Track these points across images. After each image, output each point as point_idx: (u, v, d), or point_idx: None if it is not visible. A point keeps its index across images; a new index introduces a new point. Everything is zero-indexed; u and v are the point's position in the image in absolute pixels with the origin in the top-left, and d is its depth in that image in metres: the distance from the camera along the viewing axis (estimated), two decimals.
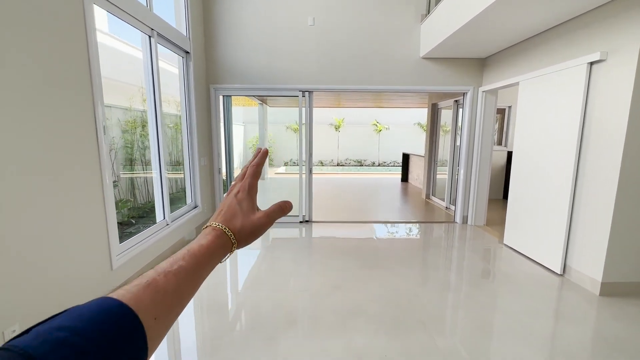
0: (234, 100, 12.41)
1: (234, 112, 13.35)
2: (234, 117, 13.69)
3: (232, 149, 4.68)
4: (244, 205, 0.46)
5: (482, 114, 4.35)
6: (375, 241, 3.92)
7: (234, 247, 0.43)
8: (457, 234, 4.29)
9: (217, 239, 0.41)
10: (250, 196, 0.47)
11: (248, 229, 0.45)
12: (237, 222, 0.44)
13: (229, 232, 0.43)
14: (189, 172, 4.02)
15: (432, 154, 6.43)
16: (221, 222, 0.44)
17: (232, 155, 4.69)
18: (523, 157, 3.45)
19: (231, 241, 0.43)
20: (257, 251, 3.57)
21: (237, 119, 13.79)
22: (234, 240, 0.43)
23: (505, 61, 3.86)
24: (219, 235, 0.42)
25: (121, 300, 0.29)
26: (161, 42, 3.15)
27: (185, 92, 3.83)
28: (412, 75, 4.38)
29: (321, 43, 4.29)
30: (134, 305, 0.29)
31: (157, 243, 3.08)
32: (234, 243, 0.43)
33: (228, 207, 0.45)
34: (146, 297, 0.31)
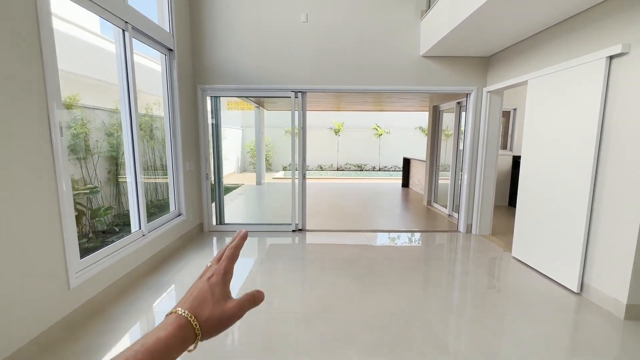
0: (232, 105, 12.24)
1: (231, 116, 13.16)
2: (232, 121, 13.46)
3: (221, 153, 4.41)
4: (216, 291, 0.43)
5: (486, 116, 4.07)
6: (371, 253, 3.62)
7: (197, 339, 0.39)
8: (461, 245, 3.99)
9: (179, 331, 0.38)
10: (224, 281, 0.44)
11: (216, 320, 0.41)
12: (205, 310, 0.41)
13: (194, 322, 0.39)
14: (172, 177, 3.76)
15: (433, 158, 6.14)
16: (188, 308, 0.40)
17: (221, 159, 4.43)
18: (532, 162, 3.16)
19: (195, 332, 0.39)
20: (240, 265, 3.28)
21: (235, 123, 13.59)
22: (199, 332, 0.39)
23: (511, 59, 3.59)
24: (182, 326, 0.38)
25: None
26: (138, 38, 2.91)
27: (169, 92, 3.58)
28: (412, 74, 4.11)
29: (315, 41, 4.04)
30: None
31: (131, 256, 2.80)
32: (197, 335, 0.39)
33: (199, 291, 0.42)
34: None
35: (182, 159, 3.78)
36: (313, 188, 8.59)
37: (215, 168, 4.39)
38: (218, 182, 4.44)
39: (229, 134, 11.36)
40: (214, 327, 0.41)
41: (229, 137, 11.87)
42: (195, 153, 4.19)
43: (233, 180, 10.45)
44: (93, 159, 3.54)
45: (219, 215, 4.48)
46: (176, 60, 3.58)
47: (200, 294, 0.42)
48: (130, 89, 2.77)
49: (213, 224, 4.40)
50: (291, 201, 4.34)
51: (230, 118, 12.44)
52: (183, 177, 3.81)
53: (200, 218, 4.34)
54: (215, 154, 4.36)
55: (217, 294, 0.42)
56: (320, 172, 13.60)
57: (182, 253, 3.55)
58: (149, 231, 3.09)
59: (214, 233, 4.32)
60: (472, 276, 3.07)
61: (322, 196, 7.37)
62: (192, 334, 0.38)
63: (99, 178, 3.58)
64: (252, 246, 3.82)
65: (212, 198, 4.37)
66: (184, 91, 3.84)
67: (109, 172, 3.90)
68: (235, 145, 12.96)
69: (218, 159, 4.38)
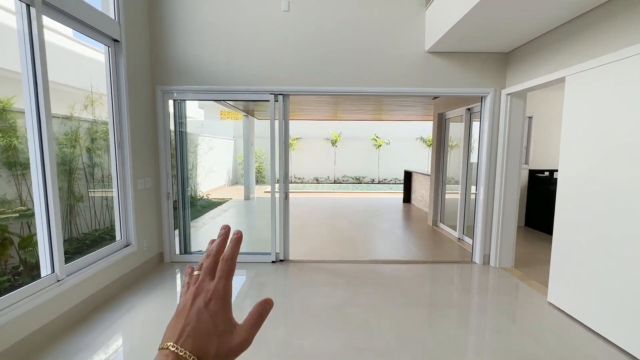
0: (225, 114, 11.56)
1: (222, 127, 12.53)
2: (223, 132, 12.84)
3: (185, 167, 3.68)
4: (219, 322, 0.36)
5: (506, 123, 3.35)
6: (365, 298, 2.84)
7: None
8: (478, 283, 3.21)
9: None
10: (226, 307, 0.37)
11: (223, 355, 0.35)
12: (211, 347, 0.34)
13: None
14: (118, 198, 3.02)
15: (439, 172, 5.41)
16: (191, 349, 0.33)
17: (185, 175, 3.69)
18: (577, 182, 2.42)
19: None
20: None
21: (227, 134, 12.94)
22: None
23: (539, 53, 2.90)
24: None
25: None
26: (57, 18, 2.22)
27: (113, 92, 2.87)
28: (415, 74, 3.42)
29: (299, 34, 3.37)
30: None
31: (39, 310, 2.04)
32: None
33: (197, 322, 0.35)
34: None
35: (132, 175, 3.04)
36: (307, 205, 7.84)
37: (179, 186, 3.65)
38: (182, 203, 3.69)
39: (218, 144, 10.67)
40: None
41: (219, 148, 11.19)
42: (154, 167, 3.46)
43: (221, 194, 9.70)
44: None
45: (183, 242, 3.71)
46: (124, 54, 2.88)
47: (201, 326, 0.35)
48: (39, 82, 2.06)
49: (176, 252, 3.63)
50: (271, 227, 3.58)
51: (221, 128, 11.80)
52: (133, 197, 3.07)
53: (160, 246, 3.58)
54: (180, 169, 3.63)
55: (221, 326, 0.36)
56: (316, 185, 12.86)
57: (127, 295, 2.77)
58: (70, 273, 2.32)
59: (177, 265, 3.54)
60: (499, 336, 2.28)
61: (315, 215, 6.61)
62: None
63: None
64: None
65: (174, 224, 3.61)
66: (137, 92, 3.14)
67: (60, 189, 3.20)
68: (227, 157, 12.27)
69: (182, 174, 3.64)
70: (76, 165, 3.26)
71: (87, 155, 3.32)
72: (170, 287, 3.01)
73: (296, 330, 2.30)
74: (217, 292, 0.37)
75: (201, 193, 8.86)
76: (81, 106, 3.29)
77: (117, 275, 2.88)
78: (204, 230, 5.43)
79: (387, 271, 3.40)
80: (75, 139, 3.27)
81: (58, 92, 3.95)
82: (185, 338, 0.34)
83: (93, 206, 3.38)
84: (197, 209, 7.44)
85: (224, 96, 3.46)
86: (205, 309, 0.36)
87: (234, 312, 0.38)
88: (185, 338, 0.34)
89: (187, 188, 3.73)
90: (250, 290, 2.98)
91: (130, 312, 2.52)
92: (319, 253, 4.02)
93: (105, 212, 3.38)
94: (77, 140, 3.28)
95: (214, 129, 11.28)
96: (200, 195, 8.77)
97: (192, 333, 0.34)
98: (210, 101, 4.14)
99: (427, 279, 3.22)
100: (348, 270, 3.41)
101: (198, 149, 8.93)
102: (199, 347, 0.34)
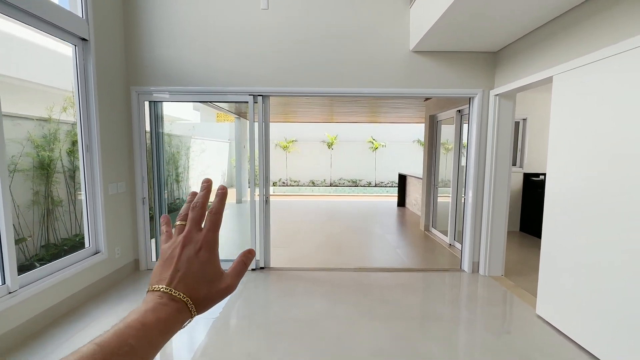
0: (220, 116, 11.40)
1: (217, 129, 12.42)
2: (218, 134, 12.73)
3: (162, 171, 3.55)
4: (208, 269, 0.39)
5: (495, 125, 3.21)
6: (342, 309, 2.70)
7: (191, 320, 0.37)
8: (466, 293, 3.05)
9: (178, 313, 0.35)
10: (214, 255, 0.40)
11: (211, 299, 0.38)
12: (201, 291, 0.38)
13: (190, 305, 0.36)
14: (86, 203, 2.89)
15: (431, 176, 5.26)
16: (183, 291, 0.36)
17: (162, 179, 3.55)
18: (565, 185, 2.27)
19: (191, 314, 0.36)
20: None
21: (222, 136, 12.83)
22: (194, 313, 0.37)
23: (527, 52, 2.77)
24: (180, 309, 0.35)
25: None
26: (10, 14, 2.09)
27: (81, 92, 2.75)
28: (399, 74, 3.29)
29: (279, 33, 3.24)
30: None
31: None
32: (193, 316, 0.37)
33: (188, 268, 0.38)
34: None
35: (102, 180, 2.92)
36: (300, 208, 7.70)
37: (155, 192, 3.51)
38: (159, 208, 3.55)
39: (212, 147, 10.53)
40: (208, 305, 0.39)
41: (213, 150, 11.07)
42: (128, 171, 3.33)
43: (212, 197, 9.55)
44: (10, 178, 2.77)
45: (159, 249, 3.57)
46: (93, 54, 2.77)
47: (193, 274, 0.38)
48: None
49: (152, 260, 3.49)
50: (250, 233, 3.44)
51: (215, 131, 11.69)
52: (103, 202, 2.94)
53: (136, 253, 3.44)
54: (157, 173, 3.50)
55: (210, 272, 0.39)
56: (312, 188, 12.71)
57: (93, 306, 2.63)
58: (26, 284, 2.19)
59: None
60: (484, 353, 2.12)
61: (307, 218, 6.47)
62: (188, 315, 0.36)
63: (17, 201, 2.81)
64: None
65: (151, 230, 3.47)
66: (109, 93, 3.02)
67: (36, 194, 3.10)
68: (222, 160, 12.15)
69: (158, 178, 3.51)
70: (54, 169, 3.14)
71: (67, 158, 3.21)
72: (141, 297, 2.87)
73: (264, 345, 2.15)
74: (207, 242, 0.39)
75: None
76: (60, 108, 3.19)
77: (84, 284, 2.74)
78: None
79: (372, 280, 3.25)
80: (53, 141, 3.16)
81: (37, 92, 3.86)
82: (177, 282, 0.36)
83: (74, 210, 3.26)
84: None
85: (201, 97, 3.34)
86: (196, 257, 0.38)
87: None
88: (177, 282, 0.36)
89: (165, 192, 3.59)
90: (231, 295, 2.84)
91: (93, 324, 2.38)
92: (304, 260, 3.87)
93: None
94: (54, 143, 3.16)
95: (208, 131, 11.18)
96: None
97: (184, 278, 0.37)
98: (190, 102, 3.94)
99: (411, 289, 3.07)
100: (331, 279, 3.26)
101: (190, 151, 8.85)
102: (190, 290, 0.36)
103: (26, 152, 2.90)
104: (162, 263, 0.39)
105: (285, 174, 13.02)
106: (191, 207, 0.41)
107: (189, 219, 0.41)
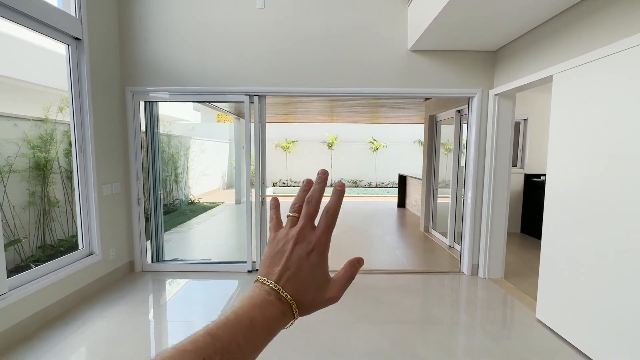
0: (220, 117, 11.38)
1: (217, 129, 12.42)
2: (217, 134, 12.72)
3: (157, 171, 3.51)
4: (317, 274, 0.37)
5: (494, 125, 3.16)
6: (337, 313, 2.65)
7: (293, 322, 0.35)
8: (464, 297, 3.00)
9: (282, 316, 0.34)
10: (325, 260, 0.38)
11: (314, 305, 0.37)
12: (307, 296, 0.36)
13: (295, 309, 0.35)
14: (79, 204, 2.86)
15: (430, 177, 5.21)
16: (291, 293, 0.35)
17: (157, 180, 3.52)
18: (565, 185, 2.22)
19: (294, 317, 0.35)
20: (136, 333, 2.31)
21: (222, 136, 12.81)
22: (297, 316, 0.35)
23: (527, 51, 2.72)
24: (284, 313, 0.34)
25: None
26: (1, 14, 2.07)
27: (74, 92, 2.72)
28: (397, 73, 3.24)
29: (275, 32, 3.21)
30: None
31: None
32: (295, 318, 0.35)
33: (298, 269, 0.36)
34: None
35: (96, 180, 2.89)
36: None
37: (151, 192, 3.48)
38: (155, 209, 3.52)
39: (213, 147, 10.49)
40: (309, 311, 0.37)
41: (214, 151, 11.06)
42: (124, 172, 3.30)
43: (215, 198, 9.54)
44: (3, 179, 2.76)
45: (156, 250, 3.54)
46: (87, 53, 2.74)
47: (302, 276, 0.36)
48: None
49: (148, 261, 3.46)
50: (246, 235, 3.40)
51: (216, 131, 11.68)
52: (97, 203, 2.91)
53: (131, 255, 3.41)
54: (152, 173, 3.46)
55: (318, 279, 0.37)
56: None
57: (86, 308, 2.60)
58: (16, 286, 2.16)
59: (148, 274, 3.37)
60: (481, 356, 2.08)
61: None
62: (291, 318, 0.35)
63: (12, 202, 2.78)
64: (170, 296, 2.86)
65: (146, 230, 3.44)
66: (104, 93, 2.99)
67: (32, 195, 3.09)
68: (222, 160, 12.13)
69: (154, 179, 3.47)
70: (51, 169, 3.12)
71: (64, 159, 3.19)
72: (138, 299, 2.83)
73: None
74: (320, 244, 0.37)
75: (192, 197, 8.72)
76: (57, 108, 3.16)
77: (76, 286, 2.71)
78: (184, 237, 5.28)
79: (368, 282, 3.20)
80: (50, 142, 3.14)
81: (34, 92, 3.83)
82: (285, 281, 0.35)
83: (70, 211, 3.24)
84: (185, 213, 7.29)
85: (197, 97, 3.30)
86: (307, 258, 0.36)
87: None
88: (285, 281, 0.35)
89: (160, 192, 3.56)
90: (211, 301, 2.79)
91: (85, 327, 2.35)
92: None
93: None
94: (51, 144, 3.14)
95: (208, 131, 11.15)
96: (192, 199, 8.63)
97: (292, 278, 0.35)
98: (185, 102, 3.92)
99: (409, 292, 3.02)
100: None
101: (190, 152, 8.81)
102: (297, 293, 0.35)
103: (22, 152, 2.89)
104: (271, 254, 0.37)
105: (285, 174, 12.99)
106: (306, 201, 0.39)
107: (304, 214, 0.39)
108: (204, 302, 2.81)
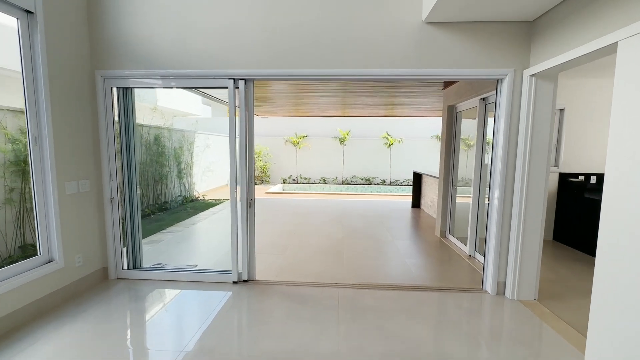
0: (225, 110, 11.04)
1: (222, 123, 12.11)
2: (221, 128, 12.44)
3: (132, 167, 3.11)
4: None
5: (530, 113, 2.56)
6: (327, 341, 2.16)
7: None
8: (488, 325, 2.43)
9: None
10: None
11: None
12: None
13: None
14: (35, 203, 2.50)
15: (448, 175, 4.61)
16: None
17: (132, 177, 3.12)
18: (632, 191, 1.63)
19: None
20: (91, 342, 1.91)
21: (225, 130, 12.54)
22: None
23: (576, 16, 2.10)
24: None
25: None
26: None
27: (27, 74, 2.35)
28: (409, 51, 2.69)
29: (266, 7, 2.72)
30: None
31: None
32: None
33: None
34: None
35: (56, 177, 2.52)
36: (308, 207, 7.19)
37: (127, 190, 3.09)
38: (130, 210, 3.13)
39: (218, 142, 10.17)
40: None
41: (220, 146, 10.75)
42: (94, 168, 2.93)
43: (221, 194, 9.22)
44: None
45: (133, 256, 3.16)
46: (41, 29, 2.35)
47: None
48: None
49: (124, 268, 3.09)
50: (231, 241, 2.96)
51: (221, 125, 11.37)
52: (58, 203, 2.55)
53: (104, 261, 3.05)
54: (128, 169, 3.08)
55: None
56: (322, 186, 12.18)
57: (41, 324, 2.24)
58: None
59: (123, 282, 3.00)
60: None
61: (312, 219, 5.95)
62: None
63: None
64: (120, 313, 2.45)
65: (121, 232, 3.06)
66: (68, 77, 2.62)
67: (11, 192, 2.81)
68: (225, 155, 11.84)
69: (129, 175, 3.09)
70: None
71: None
72: (110, 309, 2.45)
73: None
74: None
75: (197, 194, 8.43)
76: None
77: (32, 298, 2.36)
78: (181, 236, 4.92)
79: (370, 301, 2.69)
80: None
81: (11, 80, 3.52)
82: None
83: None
84: (183, 211, 6.99)
85: (175, 82, 2.87)
86: None
87: None
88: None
89: (136, 190, 3.17)
90: (186, 320, 2.37)
91: (38, 344, 1.99)
92: (296, 271, 3.36)
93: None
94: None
95: (215, 125, 10.85)
96: (196, 196, 8.33)
97: None
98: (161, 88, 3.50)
99: (418, 316, 2.48)
100: (321, 297, 2.73)
101: (194, 146, 8.51)
102: None
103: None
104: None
105: (295, 170, 12.56)
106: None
107: None
108: (176, 322, 2.39)
